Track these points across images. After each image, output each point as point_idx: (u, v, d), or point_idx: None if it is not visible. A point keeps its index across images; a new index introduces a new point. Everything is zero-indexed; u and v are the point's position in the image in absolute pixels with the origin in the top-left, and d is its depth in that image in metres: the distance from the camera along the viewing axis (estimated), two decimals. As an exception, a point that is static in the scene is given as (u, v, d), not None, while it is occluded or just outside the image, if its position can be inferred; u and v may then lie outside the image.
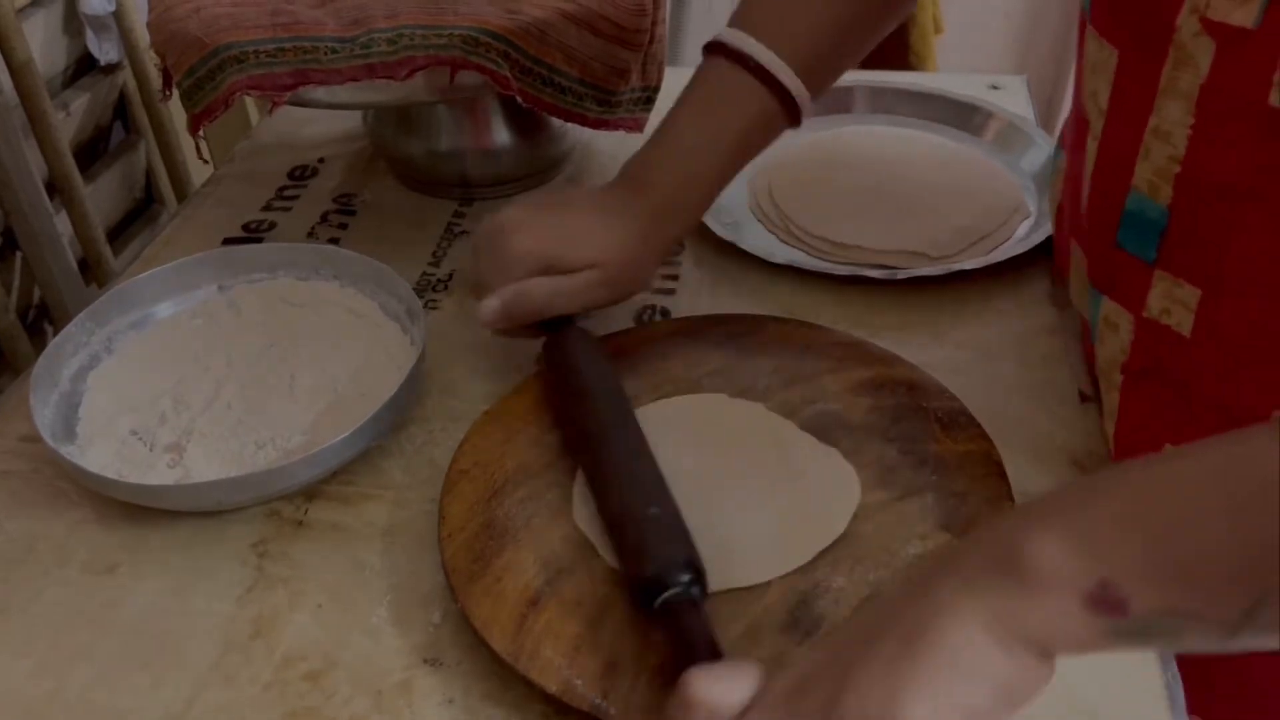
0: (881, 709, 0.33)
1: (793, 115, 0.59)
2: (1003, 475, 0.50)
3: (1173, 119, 0.43)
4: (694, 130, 0.59)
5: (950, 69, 1.56)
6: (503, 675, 0.45)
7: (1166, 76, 0.42)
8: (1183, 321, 0.46)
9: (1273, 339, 0.44)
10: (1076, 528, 0.33)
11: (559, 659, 0.44)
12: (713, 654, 0.41)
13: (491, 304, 0.56)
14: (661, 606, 0.43)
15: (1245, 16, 0.38)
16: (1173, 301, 0.46)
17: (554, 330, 0.58)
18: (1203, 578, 0.31)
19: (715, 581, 0.46)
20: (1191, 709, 0.45)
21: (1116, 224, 0.47)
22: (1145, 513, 0.33)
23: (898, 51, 1.48)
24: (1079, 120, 0.50)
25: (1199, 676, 0.47)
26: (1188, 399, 0.48)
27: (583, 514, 0.51)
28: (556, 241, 0.57)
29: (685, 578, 0.44)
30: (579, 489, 0.52)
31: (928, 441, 0.53)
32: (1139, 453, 0.52)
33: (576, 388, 0.55)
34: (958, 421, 0.53)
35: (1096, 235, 0.50)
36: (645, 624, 0.45)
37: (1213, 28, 0.40)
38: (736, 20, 0.59)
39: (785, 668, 0.37)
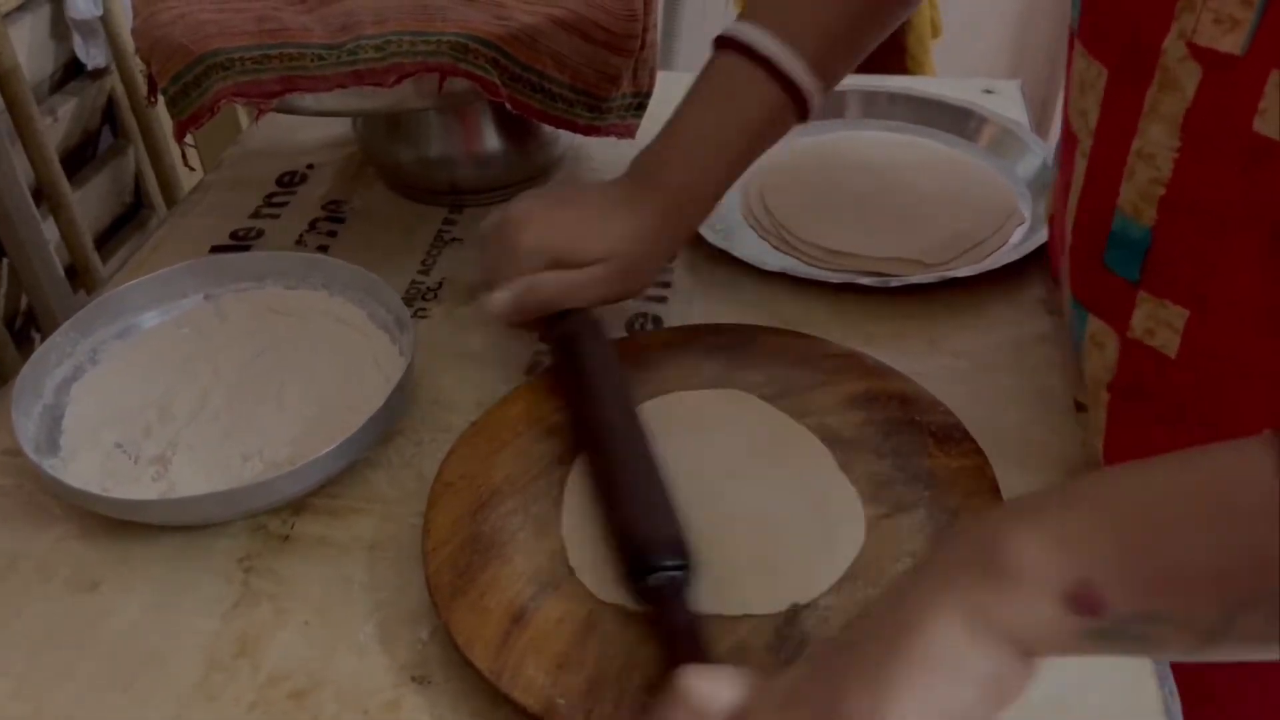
0: (871, 713, 0.33)
1: (802, 109, 0.59)
2: (996, 491, 0.50)
3: (1157, 142, 0.43)
4: (703, 124, 0.58)
5: (944, 73, 1.56)
6: (491, 693, 0.45)
7: (1151, 99, 0.42)
8: (1168, 343, 0.46)
9: (1258, 361, 0.44)
10: (1057, 528, 0.33)
11: (542, 677, 0.43)
12: (700, 644, 0.42)
13: (502, 296, 0.57)
14: (651, 590, 0.44)
15: (1233, 43, 0.38)
16: (1158, 322, 0.46)
17: (562, 319, 0.58)
18: (1181, 583, 0.32)
19: (705, 604, 0.45)
20: (1188, 725, 0.45)
21: (1104, 243, 0.47)
22: (1127, 516, 0.33)
23: (894, 57, 1.48)
24: (1069, 136, 0.50)
25: (1196, 692, 0.46)
26: (1174, 418, 0.48)
27: (570, 526, 0.50)
28: (567, 236, 0.57)
29: (675, 561, 0.45)
30: (569, 501, 0.51)
31: (921, 456, 0.52)
32: None
33: (584, 377, 0.55)
34: (951, 436, 0.53)
35: (1084, 253, 0.50)
36: (632, 633, 0.45)
37: (1200, 53, 0.40)
38: (747, 13, 0.59)
39: (775, 678, 0.37)
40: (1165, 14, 0.41)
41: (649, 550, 0.45)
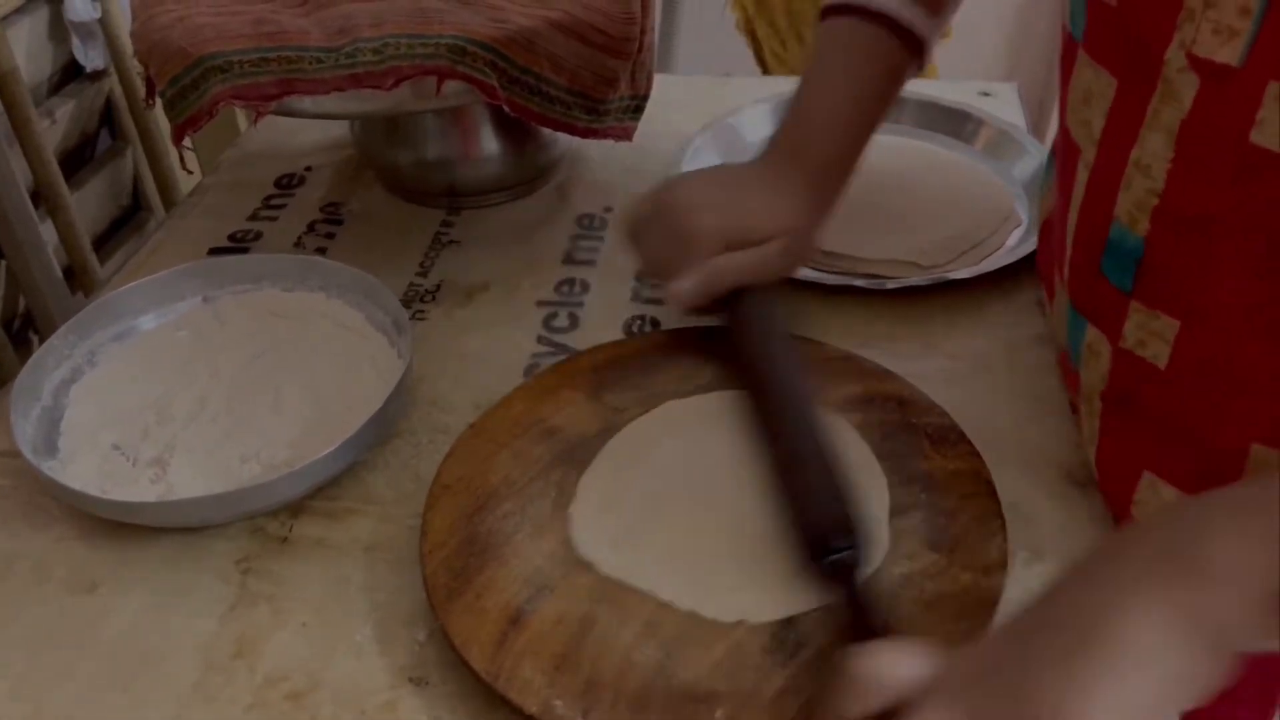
0: (1061, 703, 0.33)
1: (921, 55, 0.60)
2: (993, 494, 0.50)
3: (1154, 152, 0.43)
4: (830, 90, 0.60)
5: (942, 75, 1.56)
6: (488, 694, 0.45)
7: (1152, 109, 0.42)
8: (1159, 354, 0.46)
9: (1248, 373, 0.44)
10: (1258, 526, 0.33)
11: (539, 678, 0.43)
12: (876, 620, 0.42)
13: (686, 285, 0.57)
14: (827, 570, 0.45)
15: (1230, 54, 0.38)
16: (1149, 333, 0.46)
17: (739, 299, 0.59)
18: None
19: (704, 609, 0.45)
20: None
21: (1101, 252, 0.47)
22: None
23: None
24: (1068, 145, 0.50)
25: None
26: (1163, 429, 0.48)
27: (584, 539, 0.50)
28: (739, 217, 0.58)
29: (847, 543, 0.45)
30: (578, 509, 0.51)
31: (917, 458, 0.52)
32: (1119, 477, 0.52)
33: (764, 359, 0.56)
34: (948, 438, 0.53)
35: (1082, 261, 0.50)
36: (629, 633, 0.45)
37: (1198, 64, 0.40)
38: None
39: (959, 654, 0.37)
40: (1168, 24, 0.40)
41: (824, 532, 0.45)
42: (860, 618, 0.43)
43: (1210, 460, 0.46)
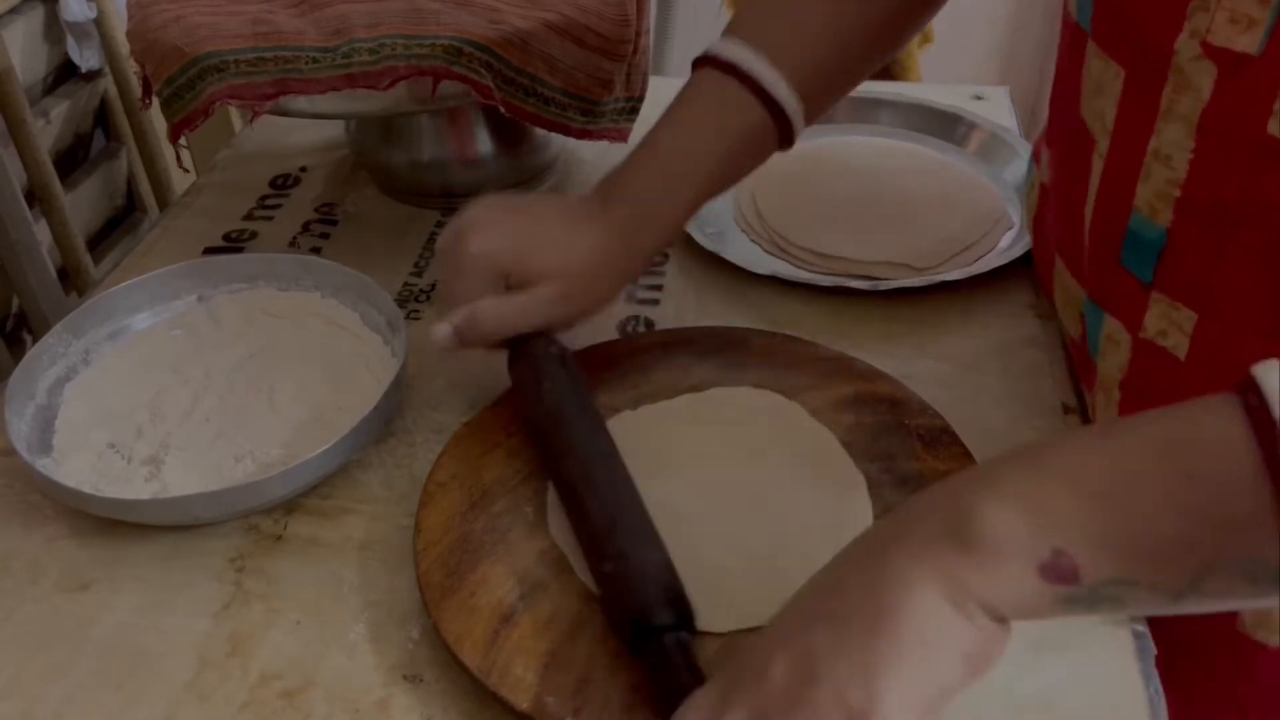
0: (860, 694, 0.34)
1: (784, 135, 0.56)
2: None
3: (1174, 142, 0.42)
4: (673, 141, 0.55)
5: (933, 78, 1.57)
6: (481, 692, 0.45)
7: (1166, 99, 0.42)
8: (1178, 344, 0.46)
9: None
10: (1028, 497, 0.34)
11: (530, 675, 0.44)
12: (696, 682, 0.40)
13: (442, 329, 0.53)
14: (651, 650, 0.42)
15: (1249, 43, 0.38)
16: (1169, 324, 0.46)
17: (517, 345, 0.55)
18: (1150, 551, 0.33)
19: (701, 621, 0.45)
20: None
21: (1120, 243, 0.47)
22: (1096, 485, 0.34)
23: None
24: (1081, 136, 0.50)
25: (1182, 691, 0.47)
26: None
27: (558, 526, 0.50)
28: (515, 247, 0.53)
29: (669, 620, 0.43)
30: (553, 499, 0.52)
31: (909, 459, 0.52)
32: None
33: (541, 406, 0.52)
34: (940, 439, 0.53)
35: (1100, 253, 0.49)
36: (620, 644, 0.45)
37: (1214, 53, 0.39)
38: (729, 29, 0.56)
39: (738, 651, 0.37)
40: (1177, 14, 0.40)
41: (647, 612, 0.43)
42: (681, 677, 0.41)
43: None
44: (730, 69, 0.54)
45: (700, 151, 0.55)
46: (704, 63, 0.56)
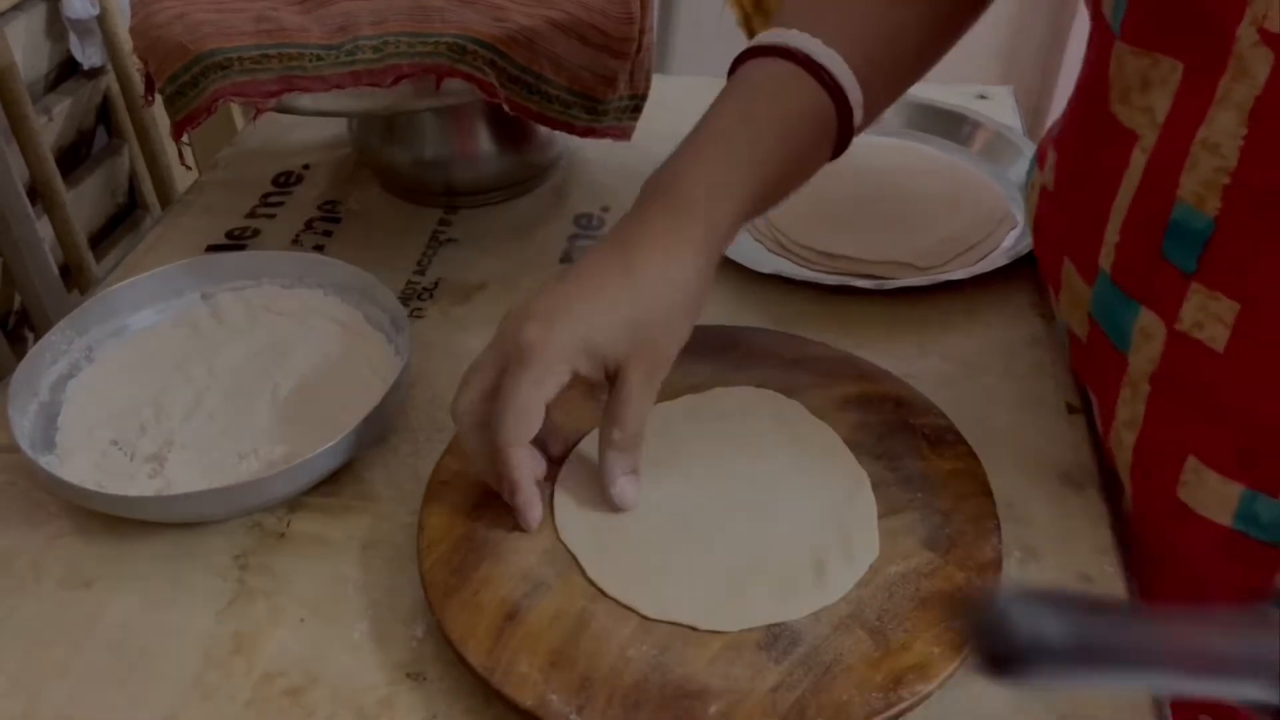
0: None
1: (844, 127, 0.52)
2: (988, 494, 0.50)
3: (1224, 130, 0.42)
4: (749, 129, 0.50)
5: (936, 78, 1.56)
6: (485, 690, 0.45)
7: (1223, 87, 0.41)
8: (1216, 336, 0.45)
9: None
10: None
11: (534, 674, 0.44)
12: None
13: (631, 492, 0.50)
14: None
15: None
16: (1207, 315, 0.45)
17: None
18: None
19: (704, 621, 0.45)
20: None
21: (1161, 235, 0.46)
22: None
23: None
24: (1110, 134, 0.49)
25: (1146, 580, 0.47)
26: (1212, 412, 0.47)
27: (564, 522, 0.50)
28: (588, 330, 0.47)
29: None
30: (558, 497, 0.52)
31: (914, 459, 0.52)
32: (1157, 463, 0.51)
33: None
34: (945, 439, 0.53)
35: (1136, 245, 0.49)
36: (625, 630, 0.45)
37: (1270, 39, 0.39)
38: (777, 22, 0.53)
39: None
40: (1239, 1, 0.40)
41: None
42: None
43: (1253, 438, 0.46)
44: (787, 53, 0.50)
45: (781, 142, 0.51)
46: (755, 53, 0.52)
